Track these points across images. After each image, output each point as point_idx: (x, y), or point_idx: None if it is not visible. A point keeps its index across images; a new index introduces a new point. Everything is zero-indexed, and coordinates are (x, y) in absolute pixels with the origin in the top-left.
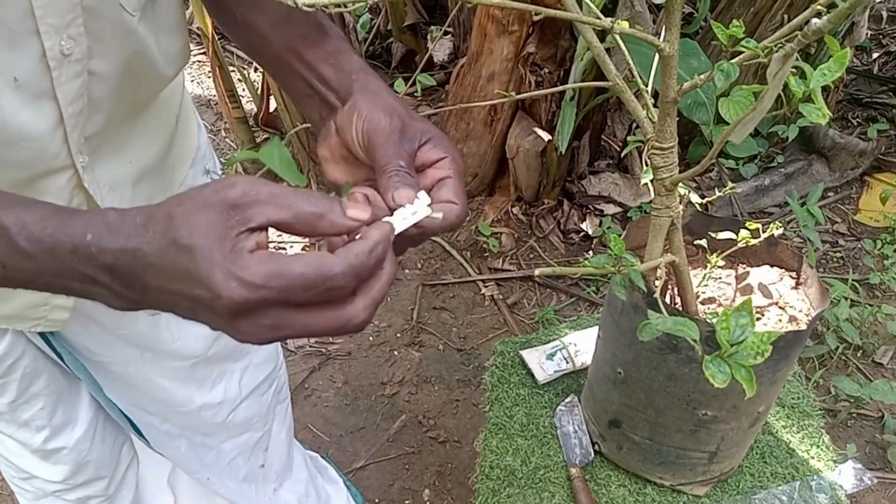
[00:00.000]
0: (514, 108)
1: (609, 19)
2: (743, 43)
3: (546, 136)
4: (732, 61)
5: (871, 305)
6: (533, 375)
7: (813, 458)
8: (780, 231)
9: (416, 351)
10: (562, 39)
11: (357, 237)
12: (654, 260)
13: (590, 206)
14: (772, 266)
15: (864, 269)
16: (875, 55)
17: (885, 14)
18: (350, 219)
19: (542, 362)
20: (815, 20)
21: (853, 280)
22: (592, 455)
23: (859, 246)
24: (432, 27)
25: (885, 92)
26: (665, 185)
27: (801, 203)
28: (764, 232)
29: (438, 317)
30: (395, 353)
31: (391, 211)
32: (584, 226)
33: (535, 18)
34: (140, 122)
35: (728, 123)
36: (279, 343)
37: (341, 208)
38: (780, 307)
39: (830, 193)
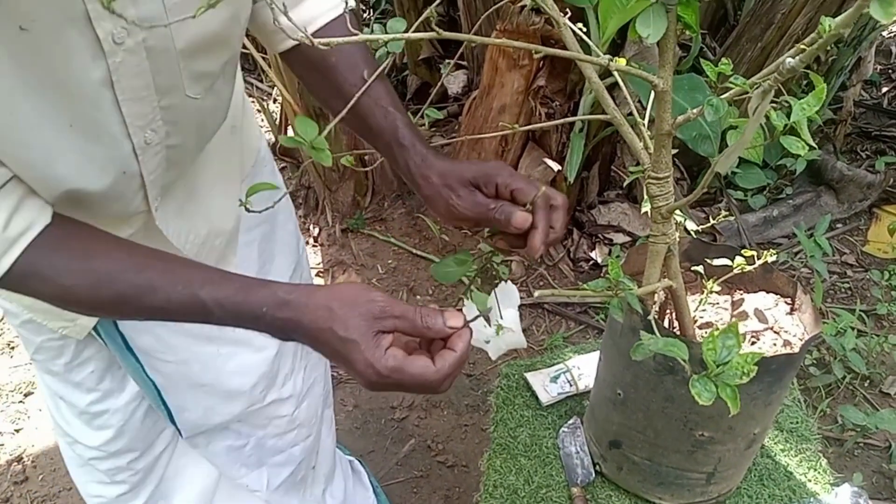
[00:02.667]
0: (524, 139)
1: (607, 56)
2: (731, 80)
3: (556, 167)
4: (722, 97)
5: (878, 336)
6: (537, 397)
7: (810, 481)
8: (775, 258)
9: None
10: (571, 73)
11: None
12: (651, 285)
13: (599, 235)
14: (767, 292)
15: (872, 299)
16: (884, 89)
17: (893, 49)
18: (449, 327)
19: (546, 385)
20: (788, 59)
21: (860, 310)
22: (593, 475)
23: (867, 277)
24: (447, 61)
25: (894, 125)
26: (661, 212)
27: (809, 234)
28: (759, 259)
29: None
30: None
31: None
32: (593, 254)
33: (536, 56)
34: (205, 153)
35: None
36: None
37: (443, 321)
38: (776, 332)
39: (839, 225)
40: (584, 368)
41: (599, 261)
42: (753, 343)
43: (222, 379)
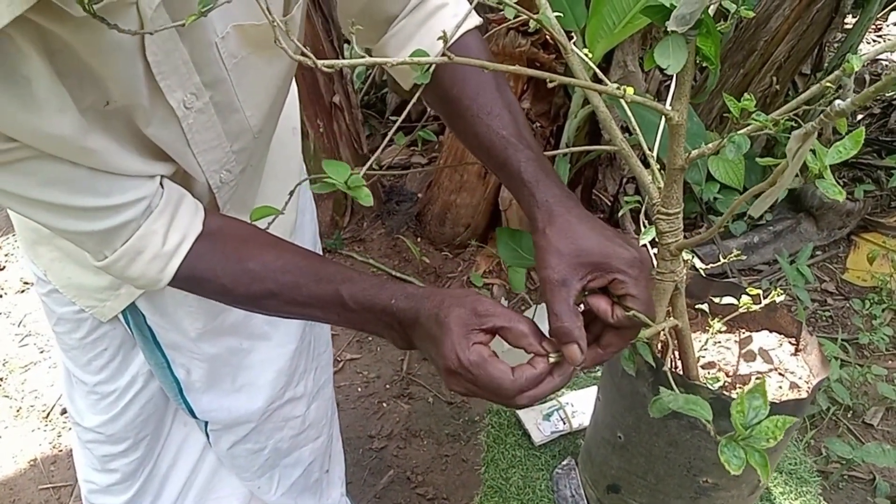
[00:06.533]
0: None
1: (614, 85)
2: (754, 116)
3: None
4: (741, 132)
5: (860, 366)
6: (529, 436)
7: None
8: (782, 297)
9: (405, 403)
10: (556, 97)
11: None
12: (657, 325)
13: None
14: (770, 331)
15: (853, 328)
16: (859, 117)
17: (867, 77)
18: (542, 348)
19: (538, 422)
20: (838, 102)
21: (842, 340)
22: None
23: (848, 305)
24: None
25: (870, 153)
26: (670, 250)
27: (790, 261)
28: (765, 297)
29: (428, 368)
30: (384, 404)
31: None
32: None
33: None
34: (270, 157)
35: (717, 181)
36: (332, 354)
37: (539, 340)
38: (781, 373)
39: (818, 252)
40: (577, 405)
41: None
42: None
43: (244, 373)
